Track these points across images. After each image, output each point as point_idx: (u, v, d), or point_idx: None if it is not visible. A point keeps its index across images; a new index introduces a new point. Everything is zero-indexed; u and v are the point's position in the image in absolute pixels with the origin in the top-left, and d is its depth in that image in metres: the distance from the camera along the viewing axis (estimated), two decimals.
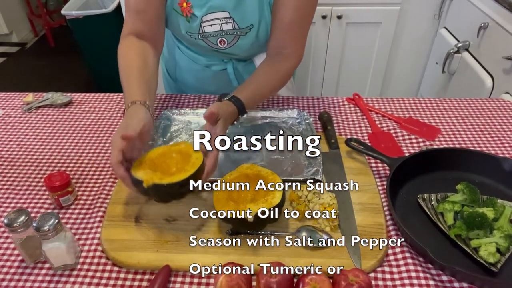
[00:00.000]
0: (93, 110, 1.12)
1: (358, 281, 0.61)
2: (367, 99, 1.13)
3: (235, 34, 0.96)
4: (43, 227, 0.64)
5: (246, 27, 0.94)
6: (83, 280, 0.69)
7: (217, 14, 0.92)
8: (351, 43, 2.06)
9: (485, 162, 0.84)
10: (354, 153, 0.92)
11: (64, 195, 0.80)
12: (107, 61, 2.48)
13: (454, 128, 1.02)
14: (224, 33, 0.95)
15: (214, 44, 0.98)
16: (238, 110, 0.85)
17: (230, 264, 0.66)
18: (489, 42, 1.57)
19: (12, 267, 0.71)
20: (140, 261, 0.70)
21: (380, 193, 0.82)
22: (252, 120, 1.02)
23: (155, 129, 0.97)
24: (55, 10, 3.65)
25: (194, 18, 0.92)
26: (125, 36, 0.91)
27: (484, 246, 0.68)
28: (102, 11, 2.26)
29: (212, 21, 0.93)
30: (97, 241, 0.75)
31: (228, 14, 0.92)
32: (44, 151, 0.97)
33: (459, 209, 0.76)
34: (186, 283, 0.68)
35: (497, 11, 1.52)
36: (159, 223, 0.77)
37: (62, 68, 3.24)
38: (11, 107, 1.14)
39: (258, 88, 0.92)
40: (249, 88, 0.90)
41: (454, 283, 0.67)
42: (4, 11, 3.38)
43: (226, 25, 0.94)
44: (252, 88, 0.91)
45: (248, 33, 0.95)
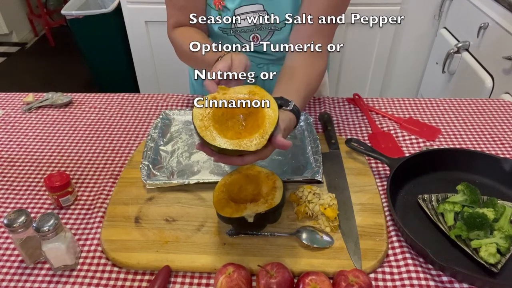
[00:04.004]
0: (93, 110, 1.12)
1: (358, 282, 0.61)
2: (367, 99, 1.12)
3: (269, 29, 0.93)
4: (43, 228, 0.64)
5: (281, 22, 0.91)
6: (83, 280, 0.69)
7: (250, 7, 0.89)
8: (351, 43, 2.06)
9: (485, 163, 0.84)
10: (354, 153, 0.92)
11: (64, 196, 0.80)
12: (107, 61, 2.49)
13: (454, 128, 1.02)
14: (257, 28, 0.92)
15: (246, 41, 0.95)
16: (297, 119, 0.73)
17: (230, 264, 0.66)
18: (489, 42, 1.57)
19: (12, 268, 0.71)
20: (140, 262, 0.70)
21: (380, 194, 0.82)
22: None
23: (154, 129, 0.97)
24: (55, 10, 3.65)
25: (226, 11, 0.90)
26: (172, 29, 0.95)
27: (484, 247, 0.68)
28: (102, 11, 2.26)
29: (245, 15, 0.90)
30: (97, 241, 0.75)
31: (261, 6, 0.89)
32: (44, 151, 0.97)
33: (460, 210, 0.76)
34: (186, 284, 0.68)
35: (497, 11, 1.52)
36: (159, 223, 0.77)
37: (62, 68, 3.24)
38: (11, 107, 1.13)
39: (307, 94, 0.81)
40: (301, 93, 0.79)
41: (455, 284, 0.67)
42: (4, 11, 3.37)
43: (259, 19, 0.90)
44: (304, 94, 0.80)
45: (283, 28, 0.92)
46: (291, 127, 0.70)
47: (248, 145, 0.59)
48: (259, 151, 0.60)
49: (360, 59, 2.13)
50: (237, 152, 0.59)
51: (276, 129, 0.61)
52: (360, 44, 2.06)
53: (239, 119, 0.65)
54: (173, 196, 0.83)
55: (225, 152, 0.60)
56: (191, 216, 0.79)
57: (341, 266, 0.68)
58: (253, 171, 0.78)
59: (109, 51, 2.43)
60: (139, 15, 1.99)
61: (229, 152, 0.60)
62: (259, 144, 0.59)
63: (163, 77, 2.23)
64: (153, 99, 1.15)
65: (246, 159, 0.62)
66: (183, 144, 0.95)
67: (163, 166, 0.90)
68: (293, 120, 0.70)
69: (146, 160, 0.88)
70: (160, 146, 0.95)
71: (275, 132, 0.61)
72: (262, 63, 1.04)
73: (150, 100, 1.15)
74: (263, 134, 0.59)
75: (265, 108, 0.62)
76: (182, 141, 0.96)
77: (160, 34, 2.02)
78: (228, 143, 0.59)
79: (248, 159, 0.62)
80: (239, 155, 0.62)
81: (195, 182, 0.83)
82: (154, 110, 1.11)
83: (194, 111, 0.63)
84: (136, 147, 0.97)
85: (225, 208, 0.72)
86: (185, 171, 0.88)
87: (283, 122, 0.66)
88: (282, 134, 0.64)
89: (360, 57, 2.12)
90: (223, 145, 0.59)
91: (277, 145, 0.62)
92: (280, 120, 0.64)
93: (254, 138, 0.59)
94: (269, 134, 0.59)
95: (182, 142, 0.96)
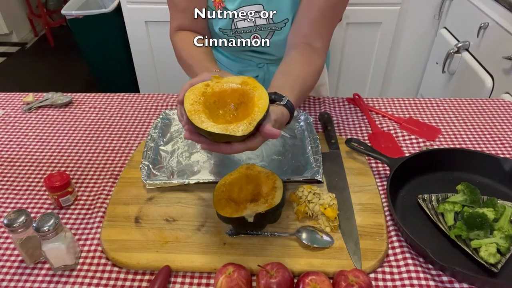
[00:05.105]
0: (93, 110, 1.12)
1: (358, 282, 0.61)
2: (367, 99, 1.12)
3: (269, 29, 0.93)
4: (43, 228, 0.64)
5: (280, 22, 0.91)
6: (83, 280, 0.68)
7: (250, 7, 0.89)
8: (351, 43, 2.06)
9: (485, 163, 0.84)
10: (354, 153, 0.92)
11: (64, 195, 0.80)
12: (107, 61, 2.49)
13: (454, 128, 1.02)
14: (257, 28, 0.92)
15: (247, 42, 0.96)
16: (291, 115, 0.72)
17: (230, 264, 0.66)
18: (489, 42, 1.57)
19: (12, 268, 0.71)
20: (140, 262, 0.70)
21: (380, 194, 0.82)
22: None
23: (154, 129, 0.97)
24: (55, 10, 3.64)
25: (226, 12, 0.89)
26: (175, 32, 0.95)
27: (484, 247, 0.68)
28: (102, 11, 2.25)
29: (245, 16, 0.90)
30: (97, 241, 0.75)
31: (261, 7, 0.88)
32: (44, 151, 0.97)
33: (460, 210, 0.76)
34: (186, 284, 0.68)
35: (497, 11, 1.52)
36: (159, 223, 0.77)
37: (62, 68, 3.24)
38: (11, 107, 1.13)
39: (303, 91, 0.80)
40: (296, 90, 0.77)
41: (455, 284, 0.67)
42: (4, 11, 3.37)
43: (259, 19, 0.90)
44: (299, 91, 0.78)
45: (283, 28, 0.92)
46: (283, 120, 0.69)
47: (235, 130, 0.58)
48: (248, 140, 0.60)
49: (360, 59, 2.13)
50: (224, 137, 0.59)
51: (265, 119, 0.61)
52: (360, 44, 2.06)
53: (230, 108, 0.65)
54: (173, 196, 0.83)
55: (213, 136, 0.60)
56: (191, 216, 0.78)
57: (341, 266, 0.68)
58: (253, 171, 0.78)
59: (109, 51, 2.43)
60: (139, 15, 1.99)
61: (217, 137, 0.60)
62: (245, 130, 0.58)
63: (163, 77, 2.23)
64: (153, 99, 1.15)
65: (234, 147, 0.62)
66: (183, 144, 0.95)
67: (163, 166, 0.90)
68: (285, 115, 0.69)
69: (146, 160, 0.88)
70: (160, 146, 0.95)
71: (264, 121, 0.61)
72: (262, 62, 1.04)
73: (150, 100, 1.15)
74: (251, 121, 0.59)
75: (255, 98, 0.63)
76: (182, 141, 0.96)
77: (160, 34, 2.02)
78: (215, 127, 0.59)
79: (236, 147, 0.62)
80: (227, 143, 0.61)
81: (195, 182, 0.83)
82: (154, 110, 1.11)
83: (186, 95, 0.63)
84: (136, 147, 0.97)
85: (225, 208, 0.72)
86: (185, 171, 0.88)
87: (274, 114, 0.65)
88: (272, 124, 0.63)
89: (360, 57, 2.12)
90: (210, 129, 0.58)
91: (265, 133, 0.61)
92: (271, 111, 0.64)
93: (241, 124, 0.59)
94: (256, 121, 0.59)
95: (182, 142, 0.96)
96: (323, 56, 0.89)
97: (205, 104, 0.63)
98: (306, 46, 0.87)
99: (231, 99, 0.65)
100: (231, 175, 0.78)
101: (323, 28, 0.88)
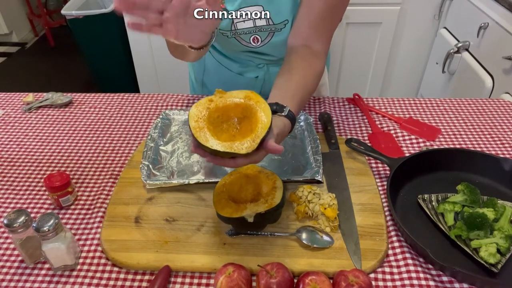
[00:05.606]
0: (93, 110, 1.12)
1: (358, 282, 0.61)
2: (367, 99, 1.12)
3: (269, 30, 0.92)
4: (43, 228, 0.64)
5: (280, 23, 0.91)
6: (83, 280, 0.68)
7: (250, 8, 0.88)
8: (351, 43, 2.06)
9: (485, 163, 0.84)
10: (354, 153, 0.92)
11: (64, 196, 0.80)
12: (107, 61, 2.50)
13: (454, 128, 1.02)
14: (257, 29, 0.92)
15: (247, 43, 0.95)
16: (292, 125, 0.74)
17: (230, 264, 0.66)
18: (489, 42, 1.57)
19: (12, 268, 0.71)
20: (140, 262, 0.70)
21: (380, 194, 0.82)
22: None
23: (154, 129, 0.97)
24: (55, 10, 3.65)
25: (226, 13, 0.89)
26: None
27: (484, 247, 0.68)
28: (102, 11, 2.26)
29: (245, 17, 0.90)
30: (97, 241, 0.75)
31: (261, 8, 0.88)
32: (44, 151, 0.97)
33: (460, 210, 0.76)
34: (186, 284, 0.68)
35: (497, 11, 1.52)
36: (159, 223, 0.77)
37: (62, 68, 3.25)
38: (11, 107, 1.14)
39: (303, 97, 0.81)
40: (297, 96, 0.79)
41: (455, 284, 0.67)
42: (4, 11, 3.38)
43: (259, 20, 0.90)
44: (300, 98, 0.79)
45: (283, 29, 0.92)
46: (285, 132, 0.71)
47: (239, 148, 0.61)
48: (251, 154, 0.62)
49: (360, 59, 2.13)
50: (228, 154, 0.62)
51: (268, 134, 0.63)
52: (360, 44, 2.07)
53: (233, 122, 0.67)
54: (173, 196, 0.83)
55: (218, 154, 0.62)
56: (191, 216, 0.79)
57: (341, 266, 0.68)
58: (253, 171, 0.78)
59: (109, 51, 2.43)
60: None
61: (221, 154, 0.62)
62: (249, 148, 0.61)
63: (163, 77, 2.23)
64: (153, 99, 1.15)
65: (238, 162, 0.64)
66: (183, 144, 0.96)
67: (163, 166, 0.90)
68: (287, 126, 0.72)
69: (146, 160, 0.88)
70: (160, 146, 0.95)
71: (267, 136, 0.63)
72: (262, 63, 1.04)
73: (150, 100, 1.15)
74: (255, 138, 0.62)
75: (258, 113, 0.65)
76: (182, 141, 0.96)
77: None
78: (220, 145, 0.61)
79: (240, 161, 0.64)
80: (232, 157, 0.64)
81: (195, 182, 0.83)
82: (154, 110, 1.11)
83: (191, 112, 0.65)
84: (136, 147, 0.97)
85: (225, 208, 0.72)
86: (185, 171, 0.88)
87: (277, 128, 0.68)
88: (275, 139, 0.65)
89: (360, 57, 2.12)
90: (215, 147, 0.61)
91: (268, 149, 0.64)
92: (274, 126, 0.66)
93: (245, 142, 0.62)
94: (260, 139, 0.62)
95: (182, 142, 0.96)
96: (323, 59, 0.89)
97: (209, 120, 0.65)
98: (306, 49, 0.87)
99: (234, 113, 0.67)
100: (231, 175, 0.78)
101: (323, 30, 0.88)
